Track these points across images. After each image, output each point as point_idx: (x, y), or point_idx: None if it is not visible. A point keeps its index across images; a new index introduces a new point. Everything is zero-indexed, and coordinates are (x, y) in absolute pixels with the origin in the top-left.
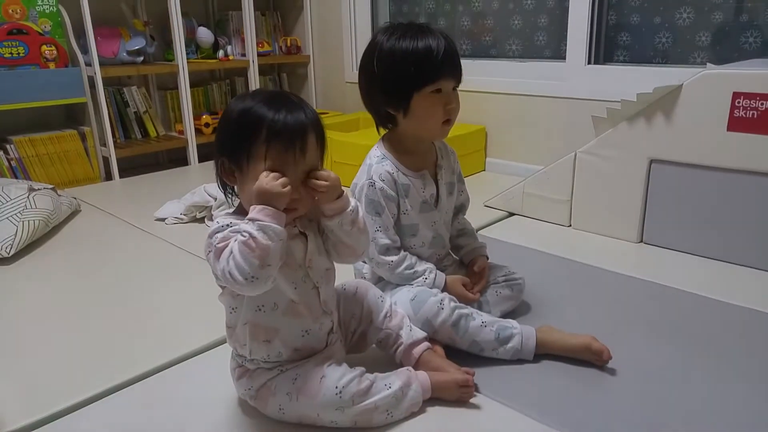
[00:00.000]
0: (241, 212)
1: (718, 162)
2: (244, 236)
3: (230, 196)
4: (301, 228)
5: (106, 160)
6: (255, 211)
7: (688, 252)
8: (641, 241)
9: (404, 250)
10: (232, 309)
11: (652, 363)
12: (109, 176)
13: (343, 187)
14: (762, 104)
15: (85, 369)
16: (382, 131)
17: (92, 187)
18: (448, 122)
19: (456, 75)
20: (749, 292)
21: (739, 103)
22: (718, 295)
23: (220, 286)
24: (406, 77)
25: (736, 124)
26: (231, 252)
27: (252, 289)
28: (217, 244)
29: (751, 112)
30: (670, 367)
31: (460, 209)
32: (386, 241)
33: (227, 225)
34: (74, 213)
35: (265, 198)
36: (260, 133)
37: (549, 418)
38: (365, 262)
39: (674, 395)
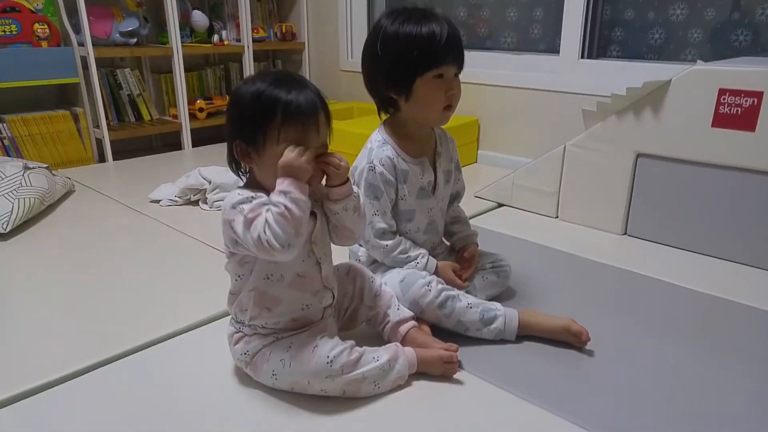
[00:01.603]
0: (254, 186)
1: (702, 157)
2: (279, 207)
3: (241, 174)
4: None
5: (99, 142)
6: (284, 184)
7: (670, 245)
8: (625, 233)
9: (400, 235)
10: (239, 276)
11: (629, 346)
12: (102, 158)
13: None
14: (746, 101)
15: (81, 341)
16: (384, 116)
17: (86, 168)
18: (449, 108)
19: (458, 61)
20: (727, 284)
21: (724, 99)
22: (695, 286)
23: (228, 255)
24: (409, 61)
25: (720, 120)
26: (266, 222)
27: (286, 254)
28: (248, 214)
29: (735, 109)
30: (646, 350)
31: (456, 197)
32: (383, 225)
33: (251, 197)
34: (68, 193)
35: (291, 171)
36: (276, 115)
37: (528, 393)
38: (361, 245)
39: (649, 376)
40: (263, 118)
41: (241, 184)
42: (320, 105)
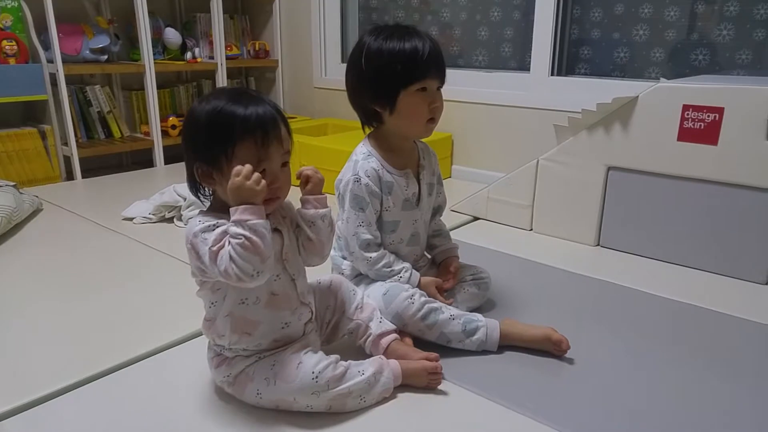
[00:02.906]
0: (218, 209)
1: (669, 170)
2: (239, 239)
3: (202, 196)
4: (275, 224)
5: (68, 160)
6: (239, 212)
7: (642, 255)
8: (598, 245)
9: (384, 247)
10: (212, 303)
11: (606, 353)
12: (70, 176)
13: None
14: (708, 116)
15: (57, 362)
16: (368, 130)
17: (53, 186)
18: (432, 120)
19: (440, 75)
20: (696, 291)
21: (688, 114)
22: (666, 294)
23: (199, 283)
24: (394, 75)
25: (685, 134)
26: (230, 256)
27: (259, 281)
28: (212, 247)
29: (698, 124)
30: (624, 357)
31: (438, 210)
32: (368, 236)
33: (214, 225)
34: (36, 211)
35: (242, 195)
36: (234, 133)
37: (511, 402)
38: (344, 258)
39: (627, 382)
40: (222, 137)
41: (204, 208)
42: (279, 117)
